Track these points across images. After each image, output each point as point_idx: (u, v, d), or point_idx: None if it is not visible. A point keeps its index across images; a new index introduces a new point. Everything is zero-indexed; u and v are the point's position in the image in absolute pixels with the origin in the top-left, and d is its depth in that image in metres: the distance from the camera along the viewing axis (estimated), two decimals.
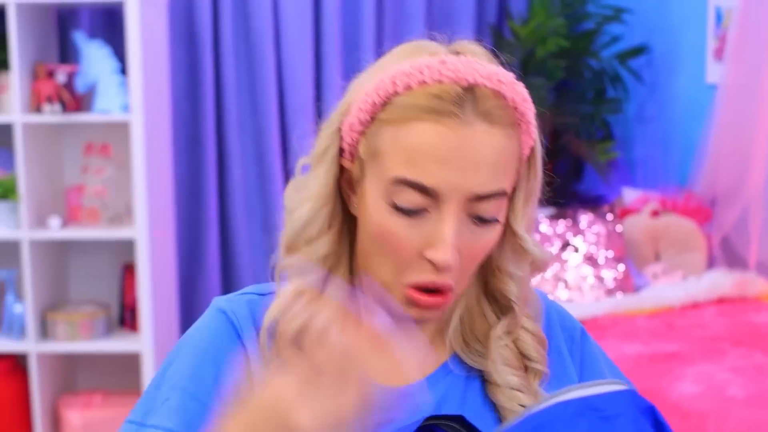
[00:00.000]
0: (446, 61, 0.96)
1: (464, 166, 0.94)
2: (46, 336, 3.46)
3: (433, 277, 0.97)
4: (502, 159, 0.96)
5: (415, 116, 0.95)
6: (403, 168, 0.95)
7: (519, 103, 0.98)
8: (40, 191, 3.43)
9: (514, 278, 1.06)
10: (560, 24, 3.84)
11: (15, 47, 3.26)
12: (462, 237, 0.96)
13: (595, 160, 3.82)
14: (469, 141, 0.94)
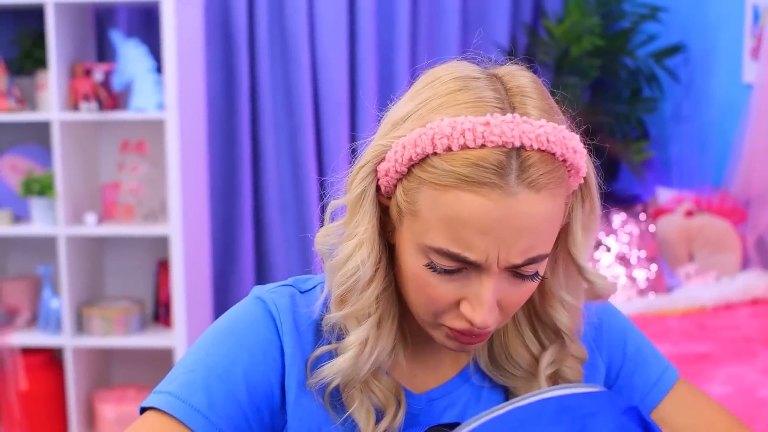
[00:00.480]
0: (491, 123, 0.89)
1: (506, 236, 0.90)
2: (81, 330, 3.51)
3: (470, 328, 0.95)
4: (547, 224, 0.92)
5: (456, 185, 0.89)
6: (442, 238, 0.91)
7: (569, 156, 0.93)
8: (76, 188, 3.48)
9: (566, 306, 1.03)
10: (595, 23, 3.82)
11: (53, 46, 3.30)
12: (501, 291, 0.94)
13: (629, 159, 3.80)
14: (512, 211, 0.89)
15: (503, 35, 4.06)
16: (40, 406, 3.55)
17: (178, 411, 0.98)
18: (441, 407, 1.06)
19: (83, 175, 3.54)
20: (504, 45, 4.02)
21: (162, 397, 0.99)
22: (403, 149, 0.93)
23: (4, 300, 3.62)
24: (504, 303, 0.95)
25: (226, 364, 1.00)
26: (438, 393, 1.07)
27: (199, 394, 0.99)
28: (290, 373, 1.02)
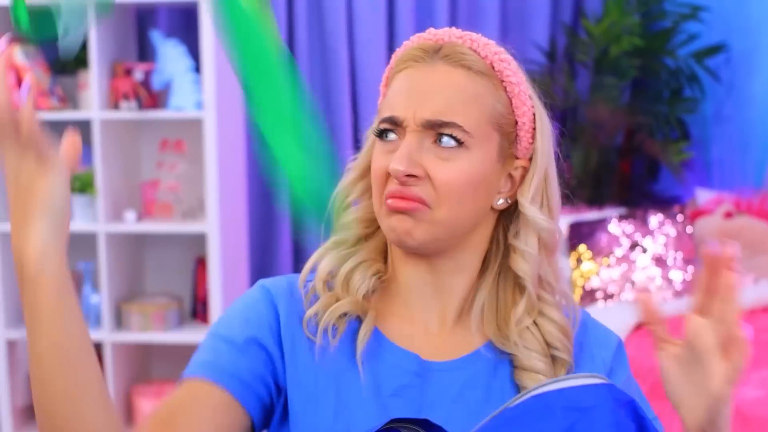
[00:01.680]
0: (431, 30, 1.14)
1: (419, 95, 1.07)
2: (120, 326, 3.57)
3: (399, 187, 1.07)
4: (457, 93, 1.07)
5: (399, 68, 1.12)
6: (383, 109, 1.11)
7: (495, 61, 1.10)
8: (116, 186, 3.53)
9: (524, 255, 1.11)
10: (635, 22, 3.80)
11: (94, 46, 3.36)
12: (424, 156, 1.07)
13: (668, 160, 3.77)
14: (428, 76, 1.09)
15: (543, 36, 4.04)
16: None
17: (191, 370, 1.11)
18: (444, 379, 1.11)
19: (123, 172, 3.59)
20: (543, 45, 4.01)
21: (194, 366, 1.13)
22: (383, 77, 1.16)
23: None
24: (431, 172, 1.07)
25: (226, 327, 1.15)
26: (440, 366, 1.12)
27: (208, 354, 1.12)
28: (286, 330, 1.13)
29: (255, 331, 1.13)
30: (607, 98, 3.80)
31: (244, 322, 1.13)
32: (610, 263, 3.37)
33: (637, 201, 4.04)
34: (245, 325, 1.13)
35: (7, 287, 3.51)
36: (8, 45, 0.85)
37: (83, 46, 3.57)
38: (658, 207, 3.58)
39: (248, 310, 1.15)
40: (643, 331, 3.06)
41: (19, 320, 3.59)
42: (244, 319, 1.14)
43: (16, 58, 3.39)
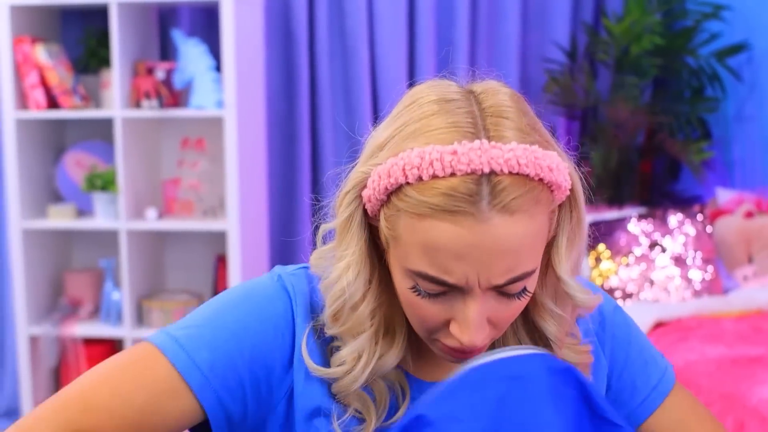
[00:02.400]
0: (457, 152, 0.90)
1: (483, 260, 0.91)
2: (141, 323, 3.60)
3: (462, 347, 0.97)
4: (525, 243, 0.92)
5: (429, 214, 0.91)
6: (421, 263, 0.93)
7: (546, 174, 0.92)
8: (138, 183, 3.56)
9: (554, 317, 1.03)
10: (656, 21, 3.79)
11: (116, 45, 3.39)
12: (489, 309, 0.95)
13: (689, 159, 3.76)
14: (487, 236, 0.90)
15: (563, 35, 4.04)
16: None
17: (179, 361, 1.00)
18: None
19: (144, 170, 3.62)
20: (564, 45, 4.00)
21: (168, 341, 1.01)
22: (379, 179, 0.95)
23: (68, 292, 3.72)
24: (495, 320, 0.96)
25: (236, 329, 1.03)
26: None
27: (203, 351, 1.00)
28: (299, 355, 1.04)
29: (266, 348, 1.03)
30: (628, 97, 3.79)
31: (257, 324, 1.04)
32: (629, 262, 3.36)
33: (657, 201, 4.02)
34: (257, 332, 1.03)
35: (29, 284, 3.55)
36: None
37: (106, 45, 3.61)
38: (678, 207, 3.56)
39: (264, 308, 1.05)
40: (661, 330, 3.06)
41: (40, 316, 3.63)
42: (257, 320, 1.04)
43: (39, 57, 3.43)
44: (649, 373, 1.15)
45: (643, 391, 1.15)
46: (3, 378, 3.92)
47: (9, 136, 3.46)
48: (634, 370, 1.15)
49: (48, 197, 3.71)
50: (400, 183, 0.92)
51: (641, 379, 1.15)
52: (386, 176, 0.93)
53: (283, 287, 1.06)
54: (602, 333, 1.15)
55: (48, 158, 3.71)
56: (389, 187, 0.94)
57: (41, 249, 3.65)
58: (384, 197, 0.95)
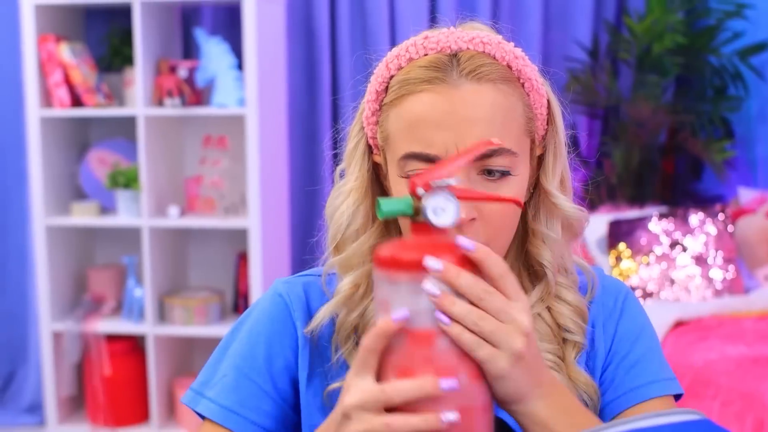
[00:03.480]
0: (428, 36, 1.02)
1: (458, 125, 0.97)
2: (163, 319, 3.62)
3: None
4: (497, 114, 0.99)
5: (409, 91, 1.00)
6: (407, 143, 1.00)
7: (511, 60, 1.02)
8: (160, 181, 3.59)
9: (547, 241, 1.07)
10: (678, 20, 3.78)
11: (139, 44, 3.42)
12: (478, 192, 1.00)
13: (711, 158, 3.74)
14: (459, 101, 0.98)
15: (585, 33, 4.03)
16: (122, 391, 3.68)
17: (218, 416, 1.08)
18: None
19: (167, 168, 3.65)
20: (586, 43, 3.99)
21: (206, 405, 1.10)
22: (370, 87, 1.05)
23: (91, 288, 3.76)
24: (484, 209, 0.99)
25: (251, 361, 1.09)
26: None
27: (231, 395, 1.08)
28: (303, 351, 1.10)
29: (280, 361, 1.10)
30: (650, 96, 3.78)
31: (265, 347, 1.10)
32: (649, 261, 3.35)
33: (679, 200, 4.01)
34: (267, 354, 1.09)
35: (53, 281, 3.59)
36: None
37: (129, 44, 3.64)
38: (700, 206, 3.55)
39: (267, 329, 1.11)
40: (681, 329, 3.05)
41: (64, 312, 3.66)
42: (264, 343, 1.10)
43: (64, 56, 3.46)
44: (647, 371, 1.10)
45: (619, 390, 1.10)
46: (27, 373, 3.96)
47: (33, 134, 3.49)
48: (623, 366, 1.11)
49: (71, 195, 3.74)
50: (387, 79, 1.03)
51: (635, 374, 1.10)
52: (375, 81, 1.05)
53: (283, 302, 1.12)
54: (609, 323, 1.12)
55: (71, 156, 3.74)
56: (379, 89, 1.04)
57: (65, 246, 3.69)
58: (377, 107, 1.05)
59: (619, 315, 1.13)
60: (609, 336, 1.12)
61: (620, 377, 1.10)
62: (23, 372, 3.98)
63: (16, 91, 3.75)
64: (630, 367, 1.10)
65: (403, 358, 0.83)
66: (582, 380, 1.07)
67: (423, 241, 0.84)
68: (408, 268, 0.82)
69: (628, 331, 1.12)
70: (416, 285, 0.82)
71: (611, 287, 1.15)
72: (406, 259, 0.82)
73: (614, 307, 1.13)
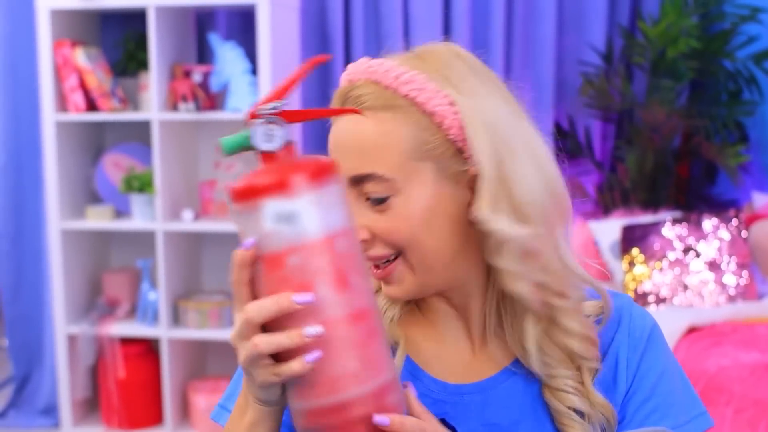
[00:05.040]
0: (348, 66, 1.08)
1: (340, 152, 1.03)
2: (177, 323, 3.64)
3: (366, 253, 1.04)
4: (368, 141, 1.01)
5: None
6: None
7: (398, 86, 1.02)
8: (174, 185, 3.60)
9: (508, 274, 1.01)
10: (692, 24, 3.77)
11: (154, 49, 3.44)
12: (365, 217, 1.02)
13: (725, 163, 3.73)
14: (342, 128, 1.04)
15: (599, 37, 4.02)
16: (136, 394, 3.70)
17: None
18: (473, 402, 1.08)
19: (181, 172, 3.67)
20: (600, 47, 3.99)
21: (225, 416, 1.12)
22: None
23: (105, 292, 3.78)
24: (375, 230, 1.03)
25: None
26: (469, 389, 1.08)
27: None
28: None
29: None
30: (664, 101, 3.77)
31: None
32: (662, 267, 3.35)
33: (694, 204, 4.00)
34: None
35: (68, 284, 3.61)
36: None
37: (144, 48, 3.66)
38: (714, 210, 3.54)
39: None
40: (694, 335, 3.04)
41: (78, 315, 3.68)
42: None
43: (79, 60, 3.48)
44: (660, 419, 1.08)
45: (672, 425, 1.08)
46: (41, 376, 3.99)
47: (49, 138, 3.51)
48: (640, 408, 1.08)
49: (86, 198, 3.76)
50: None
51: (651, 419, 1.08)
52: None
53: None
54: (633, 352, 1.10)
55: (87, 160, 3.77)
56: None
57: (79, 249, 3.71)
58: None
59: (643, 349, 1.10)
60: (632, 369, 1.10)
61: (640, 420, 1.08)
62: (38, 374, 4.01)
63: (32, 96, 3.77)
64: (651, 412, 1.08)
65: (266, 284, 0.88)
66: (600, 403, 1.06)
67: (265, 168, 0.89)
68: (247, 197, 0.87)
69: (651, 370, 1.10)
70: (258, 212, 0.86)
71: (638, 318, 1.12)
72: (243, 189, 0.87)
73: (640, 339, 1.10)
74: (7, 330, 4.02)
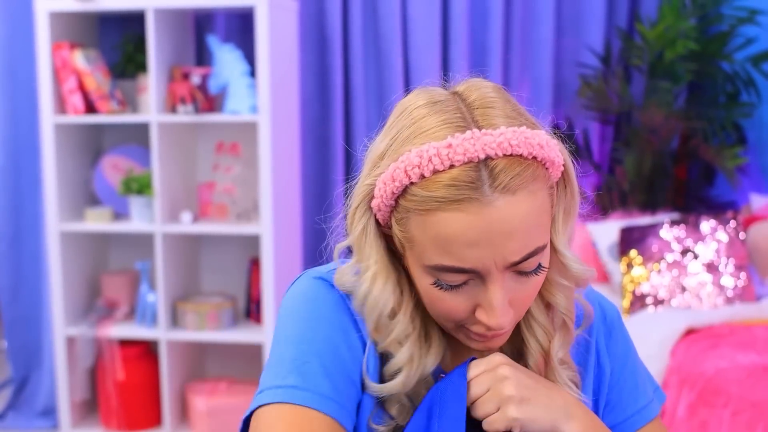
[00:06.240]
0: (452, 144, 0.94)
1: (494, 241, 0.94)
2: (176, 324, 3.64)
3: (486, 331, 1.01)
4: (532, 220, 0.96)
5: (436, 207, 0.95)
6: (437, 257, 0.97)
7: (538, 152, 0.96)
8: (173, 187, 3.61)
9: (561, 289, 1.07)
10: (690, 27, 3.77)
11: (152, 51, 3.44)
12: (510, 290, 0.99)
13: (723, 165, 3.74)
14: (494, 219, 0.94)
15: (598, 40, 4.03)
16: (135, 395, 3.70)
17: (311, 402, 0.99)
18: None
19: (180, 174, 3.67)
20: (598, 50, 4.00)
21: (287, 392, 1.00)
22: (384, 185, 0.99)
23: (104, 293, 3.78)
24: (515, 301, 1.00)
25: (332, 347, 1.04)
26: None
27: (323, 382, 1.01)
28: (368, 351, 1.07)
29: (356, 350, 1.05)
30: (662, 103, 3.78)
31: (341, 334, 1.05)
32: (660, 269, 3.35)
33: (692, 206, 4.01)
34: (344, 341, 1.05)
35: (66, 286, 3.61)
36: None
37: (143, 51, 3.67)
38: (712, 212, 3.54)
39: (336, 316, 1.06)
40: (692, 337, 3.05)
41: (77, 317, 3.69)
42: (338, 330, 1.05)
43: (78, 63, 3.48)
44: (637, 396, 1.17)
45: (627, 411, 1.16)
46: (41, 377, 3.99)
47: (48, 141, 3.52)
48: (623, 388, 1.17)
49: (85, 200, 3.77)
50: (405, 184, 0.97)
51: (628, 399, 1.17)
52: (390, 181, 0.98)
53: (338, 293, 1.08)
54: (609, 340, 1.18)
55: (85, 162, 3.77)
56: (395, 191, 0.98)
57: (78, 251, 3.71)
58: (392, 202, 1.00)
59: (608, 333, 1.18)
60: (611, 356, 1.17)
61: (625, 399, 1.17)
62: (37, 376, 4.01)
63: (31, 98, 3.78)
64: (632, 389, 1.17)
65: None
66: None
67: None
68: None
69: (622, 351, 1.18)
70: None
71: (608, 310, 1.20)
72: None
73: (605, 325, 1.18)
74: (6, 332, 4.02)
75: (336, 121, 4.00)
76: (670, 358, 2.94)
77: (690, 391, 2.77)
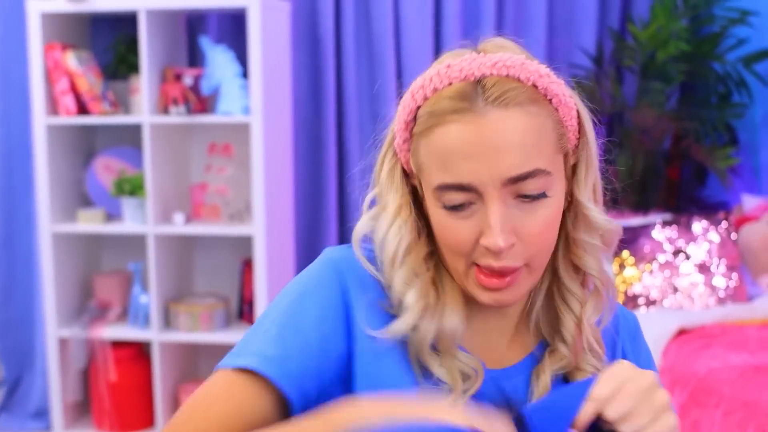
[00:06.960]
0: (451, 64, 1.01)
1: (489, 154, 0.98)
2: (168, 326, 3.64)
3: (491, 262, 1.01)
4: (527, 138, 0.99)
5: (437, 122, 1.00)
6: (439, 174, 1.01)
7: (536, 80, 1.01)
8: (165, 188, 3.60)
9: (589, 249, 1.08)
10: (682, 27, 3.78)
11: (145, 52, 3.44)
12: (513, 218, 1.00)
13: (715, 165, 3.75)
14: (487, 130, 0.98)
15: (590, 41, 4.04)
16: (128, 397, 3.69)
17: (256, 364, 1.01)
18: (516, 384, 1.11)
19: (172, 175, 3.67)
20: (590, 50, 4.00)
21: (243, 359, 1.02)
22: (398, 118, 1.07)
23: (97, 295, 3.78)
24: (522, 232, 1.01)
25: (299, 318, 1.04)
26: (502, 374, 1.11)
27: (275, 346, 1.02)
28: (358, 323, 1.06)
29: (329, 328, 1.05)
30: (654, 103, 3.79)
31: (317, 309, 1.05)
32: (653, 269, 3.36)
33: (684, 206, 4.02)
34: (318, 315, 1.05)
35: (59, 287, 3.61)
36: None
37: (135, 52, 3.66)
38: (704, 213, 3.55)
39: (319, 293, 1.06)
40: (684, 337, 3.06)
41: (70, 319, 3.68)
42: (316, 305, 1.05)
43: (70, 64, 3.48)
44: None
45: None
46: (33, 379, 3.98)
47: (40, 142, 3.51)
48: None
49: (77, 202, 3.76)
50: (413, 109, 1.04)
51: None
52: (402, 111, 1.05)
53: (334, 268, 1.08)
54: (634, 345, 1.20)
55: (77, 163, 3.76)
56: (407, 118, 1.05)
57: (71, 253, 3.71)
58: (407, 135, 1.06)
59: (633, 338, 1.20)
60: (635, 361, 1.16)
61: None
62: (29, 377, 4.00)
63: (23, 99, 3.77)
64: None
65: None
66: None
67: None
68: None
69: (645, 358, 1.21)
70: None
71: (628, 316, 1.22)
72: None
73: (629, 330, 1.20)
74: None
75: (329, 122, 4.00)
76: (663, 359, 2.95)
77: (682, 391, 2.78)
